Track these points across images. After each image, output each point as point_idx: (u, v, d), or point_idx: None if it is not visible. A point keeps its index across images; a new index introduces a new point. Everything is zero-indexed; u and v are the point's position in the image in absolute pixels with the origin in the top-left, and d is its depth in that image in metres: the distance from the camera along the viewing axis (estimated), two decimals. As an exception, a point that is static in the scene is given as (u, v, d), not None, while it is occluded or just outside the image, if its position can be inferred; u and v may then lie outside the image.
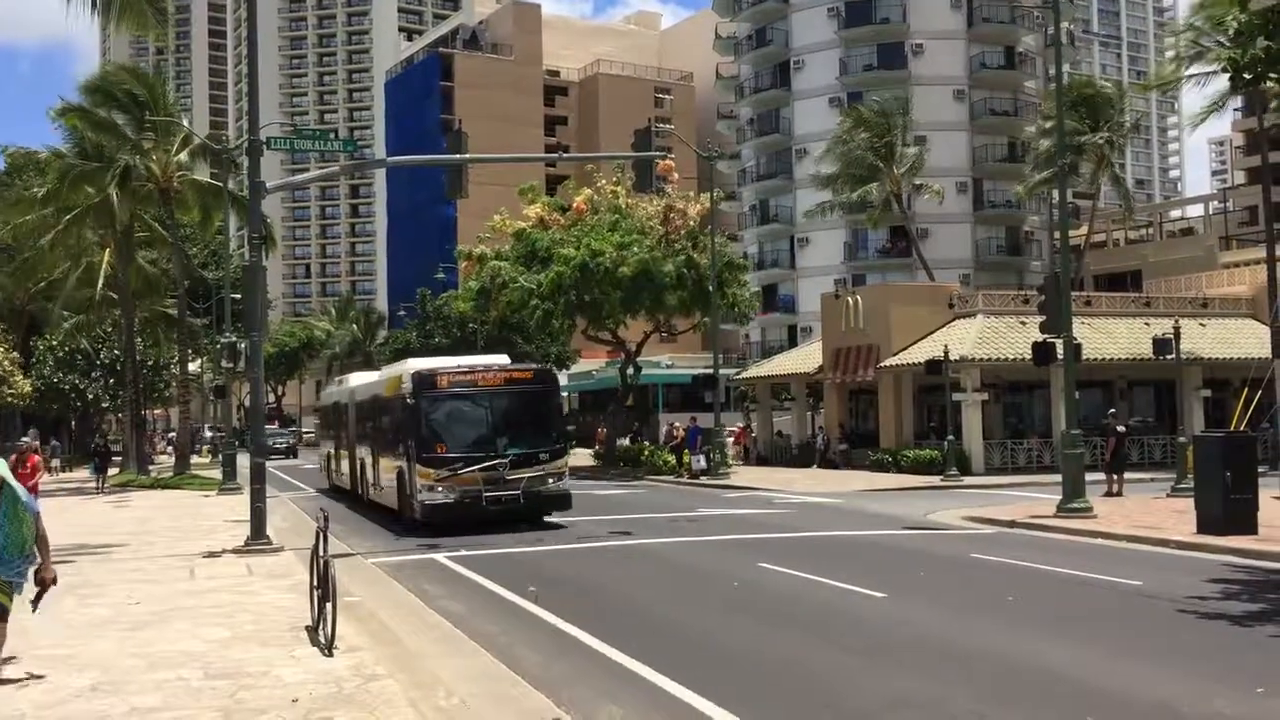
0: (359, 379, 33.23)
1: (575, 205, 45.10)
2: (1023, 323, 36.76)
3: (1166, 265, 58.92)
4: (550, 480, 22.35)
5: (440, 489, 21.56)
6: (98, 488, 36.78)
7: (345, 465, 31.86)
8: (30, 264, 46.62)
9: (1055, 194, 30.41)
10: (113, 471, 40.50)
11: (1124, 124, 55.86)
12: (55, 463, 53.94)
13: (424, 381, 22.25)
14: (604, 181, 45.49)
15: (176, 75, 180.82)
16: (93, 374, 59.88)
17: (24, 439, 24.89)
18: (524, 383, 22.99)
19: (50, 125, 38.49)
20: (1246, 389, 29.11)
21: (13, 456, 22.13)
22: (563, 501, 22.69)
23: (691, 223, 43.46)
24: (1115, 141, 55.94)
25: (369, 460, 27.62)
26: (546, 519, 22.92)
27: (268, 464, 21.30)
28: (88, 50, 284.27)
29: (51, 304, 51.50)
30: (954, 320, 39.40)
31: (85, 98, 40.78)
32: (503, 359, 25.59)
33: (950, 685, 9.39)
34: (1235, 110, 77.08)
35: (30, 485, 20.87)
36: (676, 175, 40.83)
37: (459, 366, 23.40)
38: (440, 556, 18.36)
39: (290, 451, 68.62)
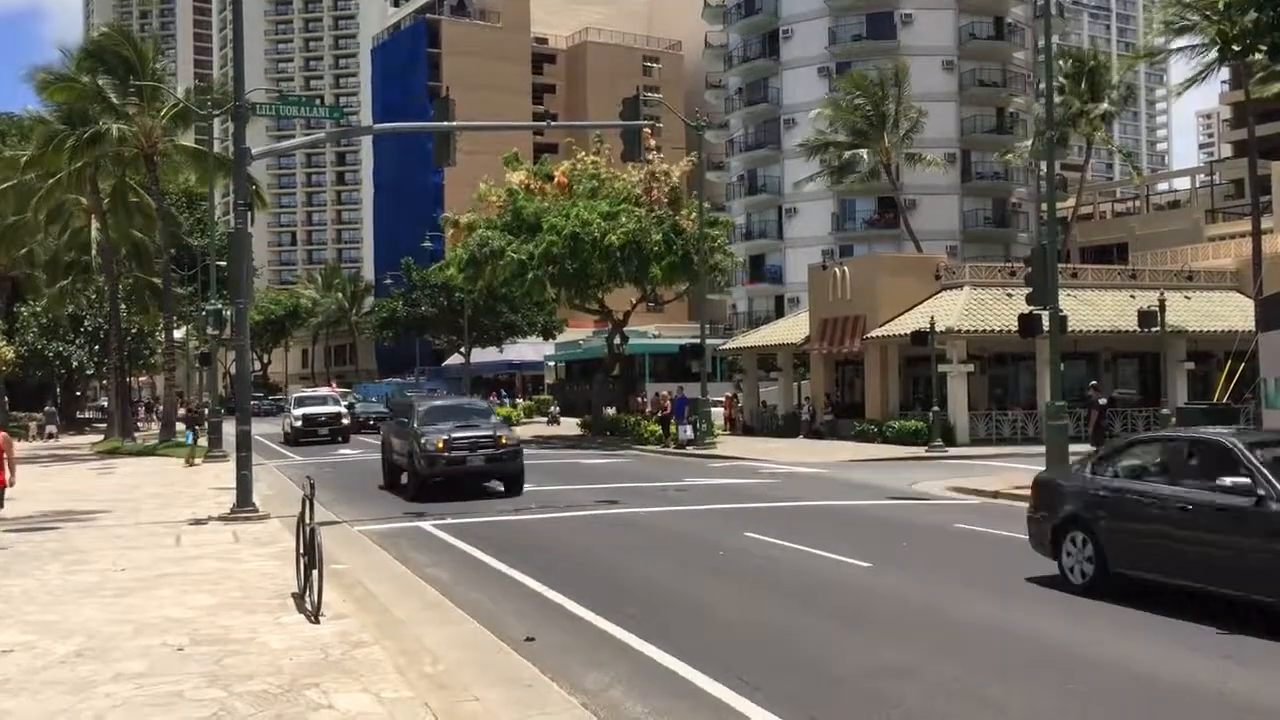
0: None
1: (556, 179, 44.98)
2: (1009, 294, 36.77)
3: (1153, 238, 59.13)
4: None
5: None
6: (189, 460, 32.48)
7: None
8: (13, 229, 46.25)
9: (1043, 165, 30.40)
10: (108, 436, 38.70)
11: (1116, 94, 55.73)
12: (52, 429, 53.83)
13: None
14: (584, 154, 45.33)
15: (161, 40, 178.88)
16: (77, 340, 59.63)
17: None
18: None
19: (30, 90, 37.66)
20: (1230, 361, 29.23)
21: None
22: None
23: (673, 185, 43.41)
24: (1110, 113, 55.96)
25: None
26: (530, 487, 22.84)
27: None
28: (56, 11, 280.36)
29: (35, 270, 51.16)
30: (941, 292, 39.42)
31: (70, 63, 40.31)
32: None
33: (932, 653, 9.47)
34: (1222, 83, 77.11)
35: None
36: (653, 143, 40.66)
37: None
38: (426, 525, 18.39)
39: (338, 433, 43.31)
